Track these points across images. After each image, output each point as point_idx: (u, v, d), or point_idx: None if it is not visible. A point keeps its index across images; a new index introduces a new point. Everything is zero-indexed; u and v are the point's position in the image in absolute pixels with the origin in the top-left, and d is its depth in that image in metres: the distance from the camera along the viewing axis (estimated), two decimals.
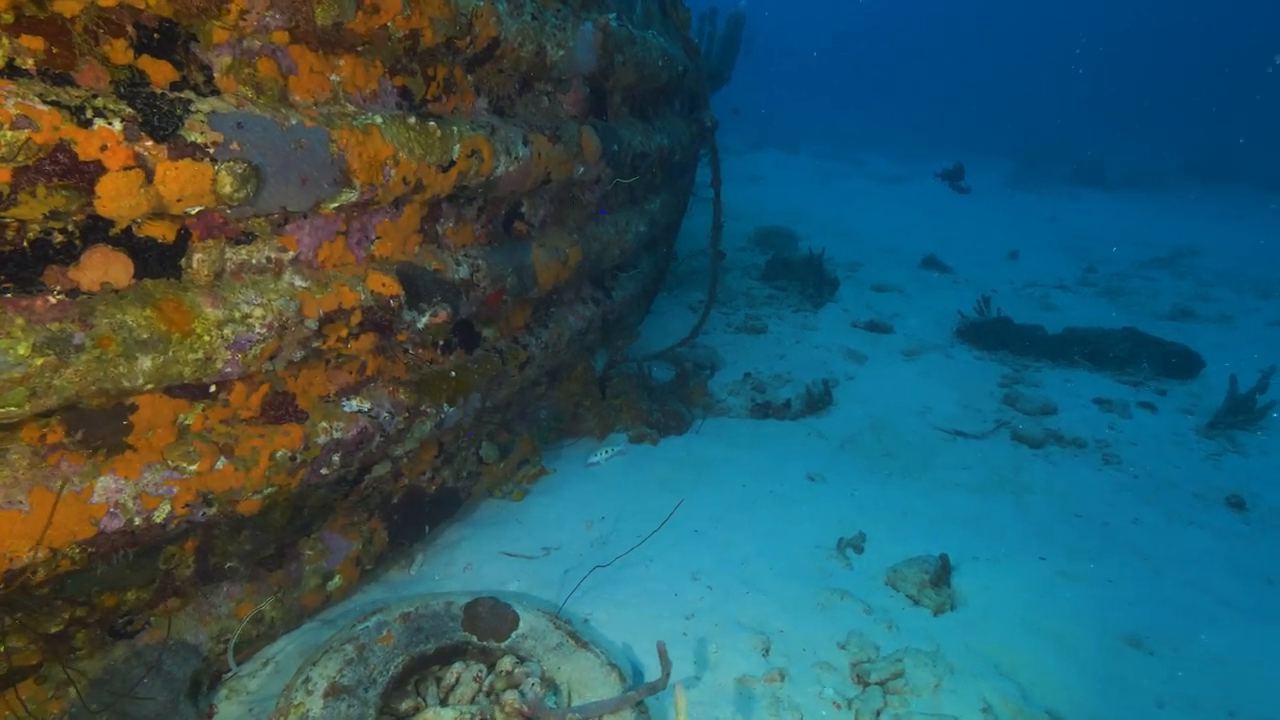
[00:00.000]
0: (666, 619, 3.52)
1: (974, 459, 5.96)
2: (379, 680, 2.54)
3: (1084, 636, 3.76)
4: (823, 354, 8.16)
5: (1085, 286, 13.02)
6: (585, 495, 4.62)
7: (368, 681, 2.53)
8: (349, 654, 2.60)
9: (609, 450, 4.93)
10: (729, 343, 8.24)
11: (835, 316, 9.47)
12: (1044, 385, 7.84)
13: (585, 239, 4.19)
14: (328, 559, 3.19)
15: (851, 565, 4.19)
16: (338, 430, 2.81)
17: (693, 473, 5.05)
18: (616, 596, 3.64)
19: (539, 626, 3.01)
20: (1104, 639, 3.76)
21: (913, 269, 12.71)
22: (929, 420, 6.67)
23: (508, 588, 3.67)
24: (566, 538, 4.18)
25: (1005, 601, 4.00)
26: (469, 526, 4.19)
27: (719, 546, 4.18)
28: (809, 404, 6.51)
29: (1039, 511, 5.19)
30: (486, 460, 4.13)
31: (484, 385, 3.64)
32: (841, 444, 5.92)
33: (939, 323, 9.69)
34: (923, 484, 5.38)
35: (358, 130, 2.45)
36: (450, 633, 2.87)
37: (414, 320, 2.84)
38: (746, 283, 10.64)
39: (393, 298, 2.69)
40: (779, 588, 3.87)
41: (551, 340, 4.20)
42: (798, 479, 5.12)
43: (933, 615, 3.84)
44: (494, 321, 3.76)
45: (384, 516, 3.47)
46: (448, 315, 2.95)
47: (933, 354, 8.55)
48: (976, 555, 4.45)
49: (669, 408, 5.66)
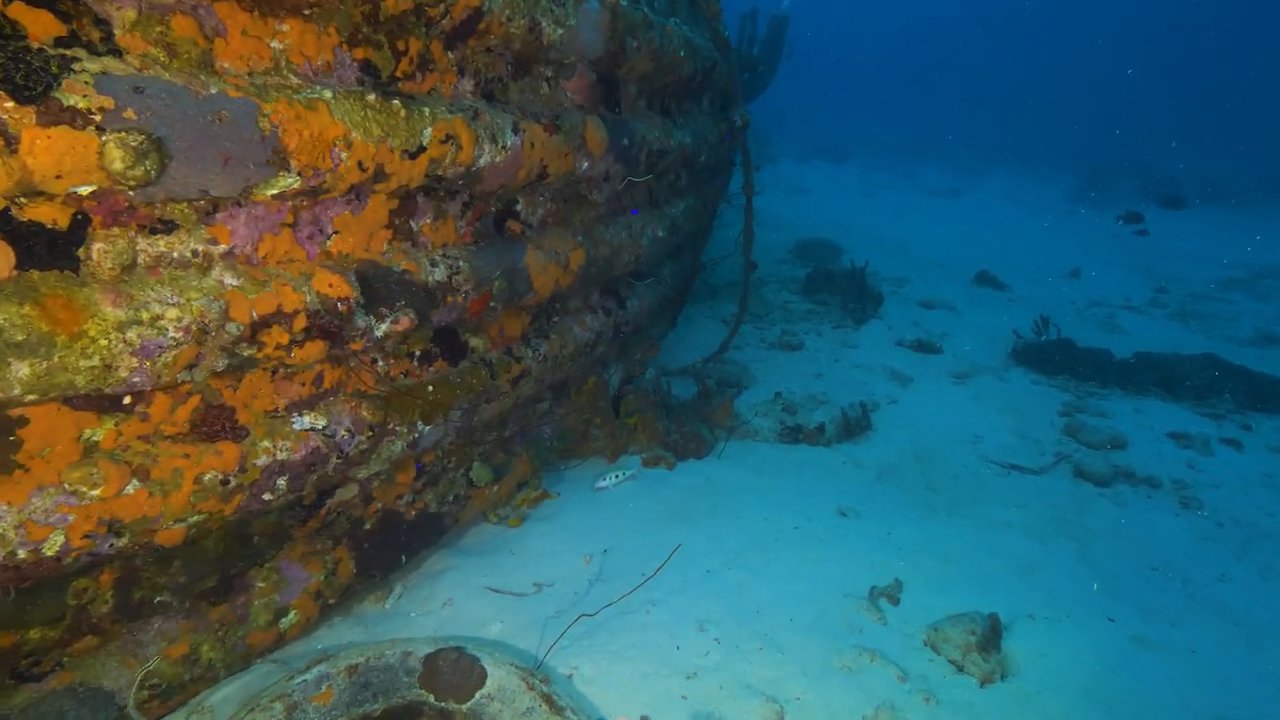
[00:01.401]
0: (664, 677, 3.06)
1: (1030, 496, 5.32)
2: None
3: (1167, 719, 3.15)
4: (863, 374, 7.58)
5: (1156, 308, 12.04)
6: (588, 524, 4.20)
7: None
8: (276, 714, 2.22)
9: (619, 475, 4.50)
10: (761, 359, 7.73)
11: (878, 334, 8.86)
12: (1111, 415, 7.09)
13: (592, 241, 3.79)
14: (282, 592, 2.85)
15: (885, 619, 3.65)
16: (283, 450, 2.46)
17: (710, 502, 4.57)
18: (610, 647, 3.20)
19: (509, 685, 2.59)
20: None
21: (964, 285, 11.96)
22: (979, 451, 6.04)
23: (488, 630, 3.27)
24: (562, 572, 3.76)
25: (1067, 673, 3.40)
26: (457, 555, 3.81)
27: (732, 591, 3.70)
28: (845, 429, 5.96)
29: (1106, 562, 4.54)
30: (478, 482, 3.75)
31: (469, 401, 3.26)
32: (879, 474, 5.36)
33: (992, 343, 8.98)
34: (970, 523, 4.79)
35: (298, 104, 2.10)
36: (403, 690, 2.47)
37: (370, 327, 2.48)
38: (784, 296, 10.11)
39: (341, 300, 2.33)
40: (799, 644, 3.36)
41: (552, 353, 3.80)
42: (828, 513, 4.60)
43: (979, 686, 3.28)
44: (483, 330, 3.39)
45: (352, 545, 3.11)
46: (411, 322, 2.58)
47: (985, 377, 7.87)
48: (1033, 613, 3.85)
49: (688, 428, 5.20)
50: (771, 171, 21.00)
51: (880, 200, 20.98)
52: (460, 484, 3.69)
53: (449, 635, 3.17)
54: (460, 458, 3.66)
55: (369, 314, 2.46)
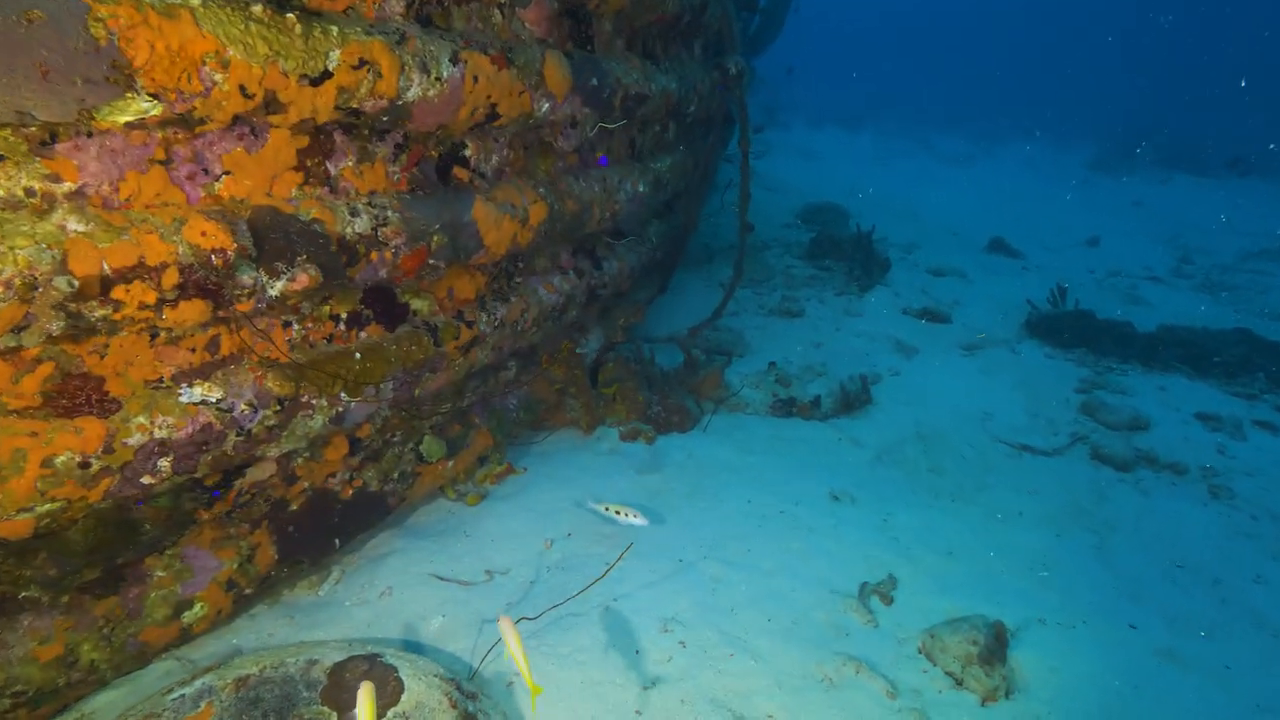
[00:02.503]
0: (617, 688, 2.72)
1: (1044, 481, 4.92)
2: None
3: None
4: (865, 344, 7.14)
5: (1180, 279, 11.44)
6: (554, 504, 3.84)
7: None
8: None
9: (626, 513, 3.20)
10: (758, 326, 7.30)
11: (884, 302, 8.38)
12: (1132, 393, 6.64)
13: (556, 195, 3.34)
14: (186, 582, 2.50)
15: (876, 622, 3.30)
16: (164, 427, 2.08)
17: (690, 482, 4.20)
18: (560, 649, 2.86)
19: (429, 701, 2.25)
20: None
21: (977, 253, 11.39)
22: (989, 429, 5.63)
23: (428, 625, 2.93)
24: (519, 558, 3.41)
25: (1082, 692, 3.05)
26: (405, 536, 3.47)
27: (706, 585, 3.34)
28: (843, 403, 5.55)
29: (1127, 558, 4.15)
30: (429, 458, 3.39)
31: (408, 370, 2.87)
32: (878, 454, 4.96)
33: (1005, 314, 8.48)
34: (976, 511, 4.40)
35: (150, 10, 1.66)
36: (301, 706, 2.14)
37: (261, 284, 2.07)
38: (787, 261, 9.61)
39: (216, 252, 1.92)
40: (775, 650, 3.01)
41: (512, 317, 3.39)
42: (819, 497, 4.22)
43: (979, 704, 2.93)
44: (428, 291, 2.97)
45: (274, 528, 2.76)
46: (311, 279, 2.17)
47: (997, 349, 7.41)
48: (1044, 617, 3.48)
49: (672, 400, 4.81)
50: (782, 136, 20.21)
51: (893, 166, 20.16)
52: (408, 460, 3.33)
53: (379, 631, 2.84)
54: (408, 431, 3.29)
55: (259, 269, 2.05)
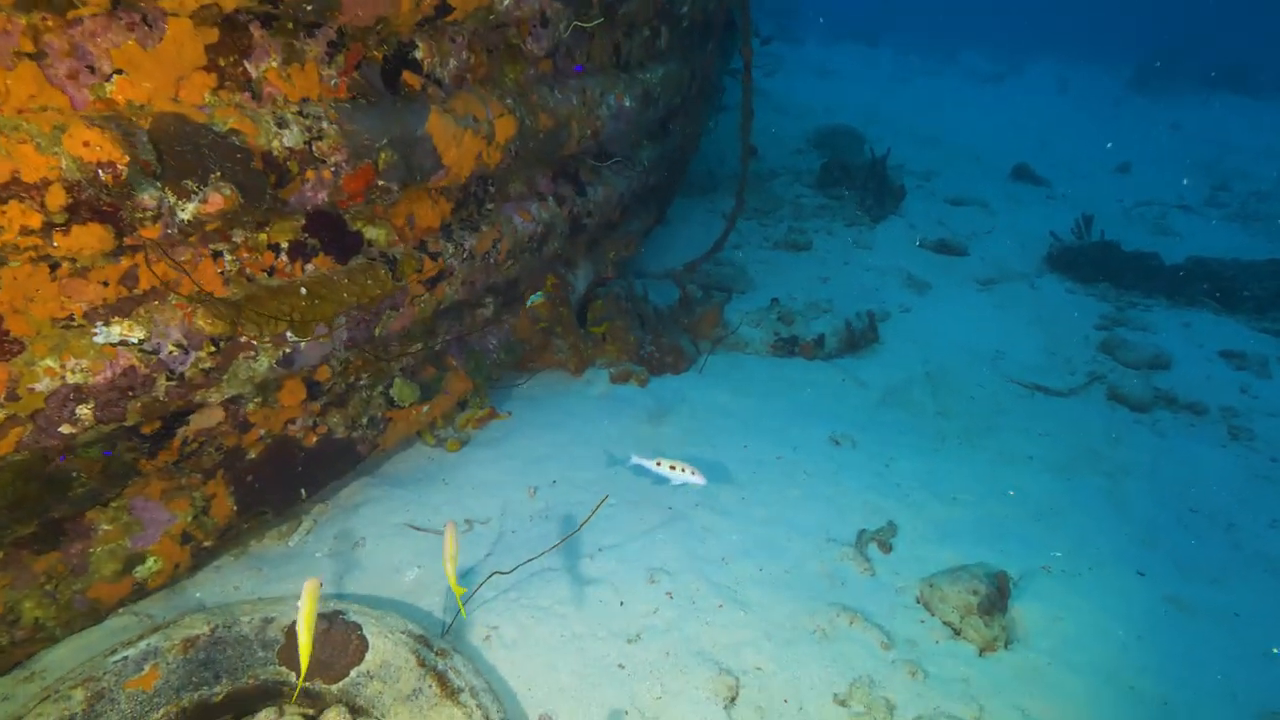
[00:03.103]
0: (600, 641, 2.58)
1: (1056, 423, 4.68)
2: None
3: (1206, 710, 2.64)
4: (875, 278, 6.79)
5: (1213, 208, 10.85)
6: (539, 450, 3.66)
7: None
8: (74, 705, 1.75)
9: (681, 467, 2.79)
10: (762, 260, 6.95)
11: (897, 233, 7.96)
12: (1155, 329, 6.31)
13: (527, 108, 2.99)
14: (135, 536, 2.34)
15: (873, 570, 3.13)
16: (78, 371, 1.86)
17: (683, 426, 4.00)
18: (540, 602, 2.71)
19: (395, 660, 2.11)
20: (1236, 715, 2.63)
21: (1000, 181, 10.81)
22: (1001, 369, 5.36)
23: (403, 577, 2.79)
24: (501, 507, 3.25)
25: (1085, 642, 2.89)
26: (381, 485, 3.31)
27: (696, 534, 3.17)
28: (848, 341, 5.28)
29: (1140, 503, 3.95)
30: (400, 402, 3.18)
31: (365, 307, 2.62)
32: (884, 396, 4.73)
33: (1026, 246, 8.06)
34: (984, 455, 4.19)
35: None
36: (257, 667, 2.00)
37: (168, 206, 1.79)
38: (796, 190, 9.13)
39: (104, 166, 1.64)
40: (767, 601, 2.86)
41: (483, 248, 3.11)
42: (818, 442, 4.01)
43: (977, 655, 2.78)
44: (384, 219, 2.68)
45: (231, 478, 2.58)
46: (228, 200, 1.89)
47: (1014, 284, 7.05)
48: (1049, 565, 3.31)
49: (666, 340, 4.56)
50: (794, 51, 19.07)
51: (914, 86, 19.09)
52: (377, 404, 3.12)
53: (351, 585, 2.70)
54: (375, 374, 3.07)
55: (164, 188, 1.77)
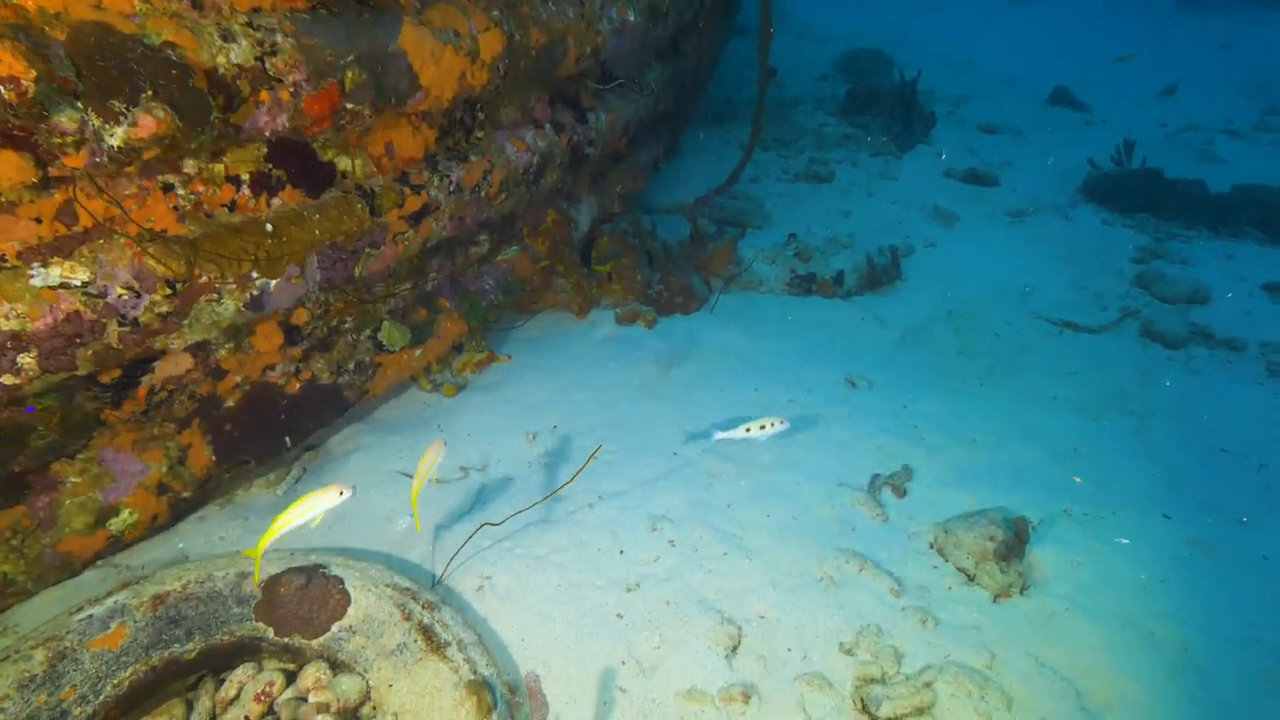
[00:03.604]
0: (598, 589, 2.49)
1: (1084, 362, 4.45)
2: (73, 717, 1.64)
3: (1227, 656, 2.51)
4: (900, 211, 6.45)
5: (1262, 133, 10.12)
6: (539, 394, 3.52)
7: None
8: (33, 667, 1.69)
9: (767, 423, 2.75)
10: (780, 193, 6.61)
11: (925, 163, 7.53)
12: (1195, 262, 5.93)
13: (516, 21, 2.71)
14: (107, 488, 2.26)
15: (886, 516, 3.00)
16: (14, 316, 1.72)
17: (691, 368, 3.83)
18: (537, 550, 2.62)
19: (379, 615, 2.03)
20: (1260, 660, 2.50)
21: (1036, 106, 10.17)
22: (1029, 305, 5.08)
23: (393, 526, 2.71)
24: (498, 454, 3.14)
25: (1104, 587, 2.75)
26: (373, 431, 3.21)
27: (701, 481, 3.05)
28: (869, 278, 5.02)
29: (1168, 444, 3.75)
30: (390, 346, 3.04)
31: (341, 245, 2.44)
32: (904, 335, 4.50)
33: (1061, 175, 7.59)
34: (1007, 396, 3.99)
35: None
36: (231, 623, 1.93)
37: (92, 129, 1.60)
38: (819, 118, 8.64)
39: (6, 83, 1.44)
40: (773, 548, 2.74)
41: (471, 180, 2.89)
42: (833, 384, 3.83)
43: (991, 601, 2.66)
44: (359, 147, 2.47)
45: (209, 427, 2.48)
46: (162, 124, 1.69)
47: (1047, 216, 6.65)
48: (1070, 508, 3.15)
49: (675, 278, 4.34)
50: None
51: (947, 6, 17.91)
52: (365, 348, 2.98)
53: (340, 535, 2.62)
54: (361, 316, 2.92)
55: (86, 109, 1.58)
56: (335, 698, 1.85)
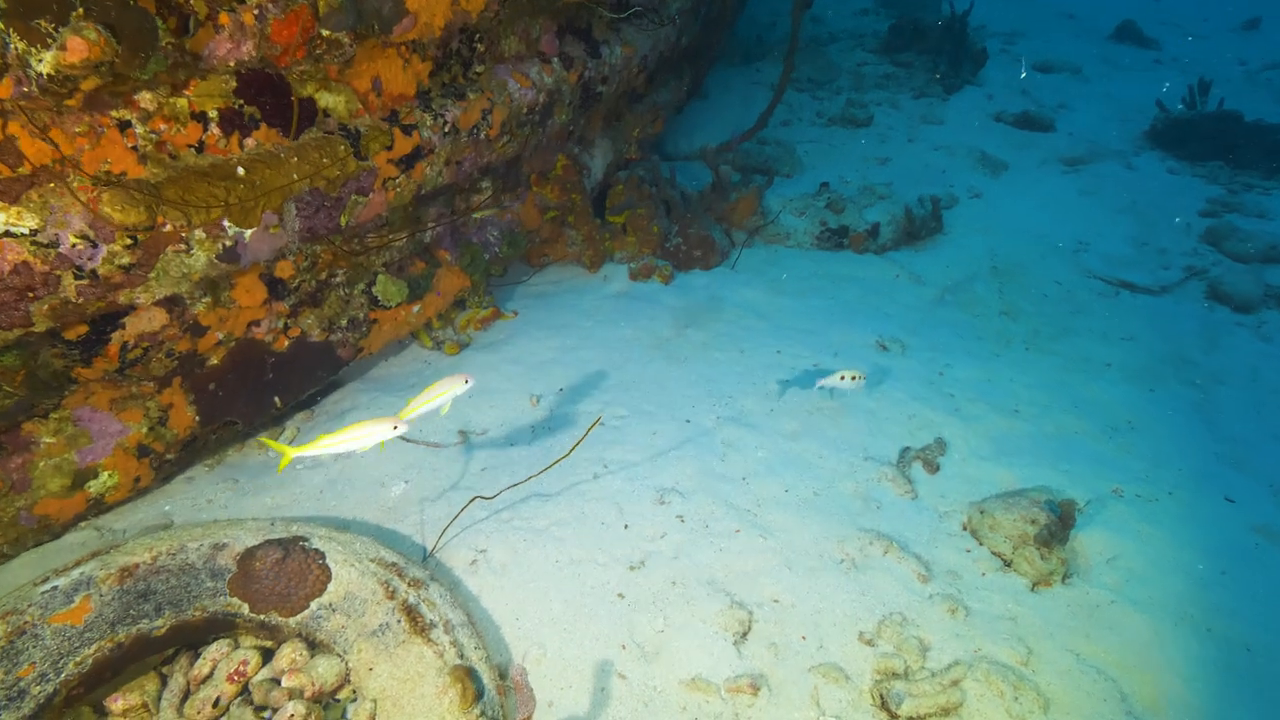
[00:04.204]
0: (599, 567, 2.33)
1: (1142, 325, 4.09)
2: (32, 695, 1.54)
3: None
4: (943, 158, 5.99)
5: None
6: (545, 353, 3.33)
7: (7, 699, 1.53)
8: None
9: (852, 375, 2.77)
10: (814, 139, 6.19)
11: (972, 105, 6.99)
12: (1274, 216, 5.42)
13: None
14: (84, 449, 2.15)
15: (915, 493, 2.77)
16: None
17: (708, 329, 3.59)
18: (536, 523, 2.47)
19: (361, 592, 1.90)
20: None
21: (1098, 42, 9.37)
22: (1081, 263, 4.69)
23: (388, 492, 2.57)
24: (500, 416, 2.97)
25: (1157, 575, 2.51)
26: (370, 390, 3.06)
27: (715, 450, 2.85)
28: (906, 231, 4.67)
29: (1234, 417, 3.43)
30: (386, 301, 2.85)
31: (321, 191, 2.23)
32: (942, 293, 4.18)
33: (1124, 119, 6.99)
34: (1054, 362, 3.68)
35: None
36: (203, 599, 1.81)
37: (16, 54, 1.40)
38: (858, 56, 8.07)
39: None
40: (791, 525, 2.55)
41: (469, 121, 2.64)
42: (863, 347, 3.56)
43: (1028, 589, 2.45)
44: (341, 81, 2.23)
45: (191, 386, 2.34)
46: (95, 47, 1.46)
47: (1107, 163, 6.13)
48: (1121, 488, 2.89)
49: (694, 230, 4.05)
50: None
51: None
52: (359, 304, 2.80)
53: (331, 499, 2.50)
54: (354, 269, 2.73)
55: (9, 30, 1.37)
56: (310, 681, 1.74)
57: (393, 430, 1.85)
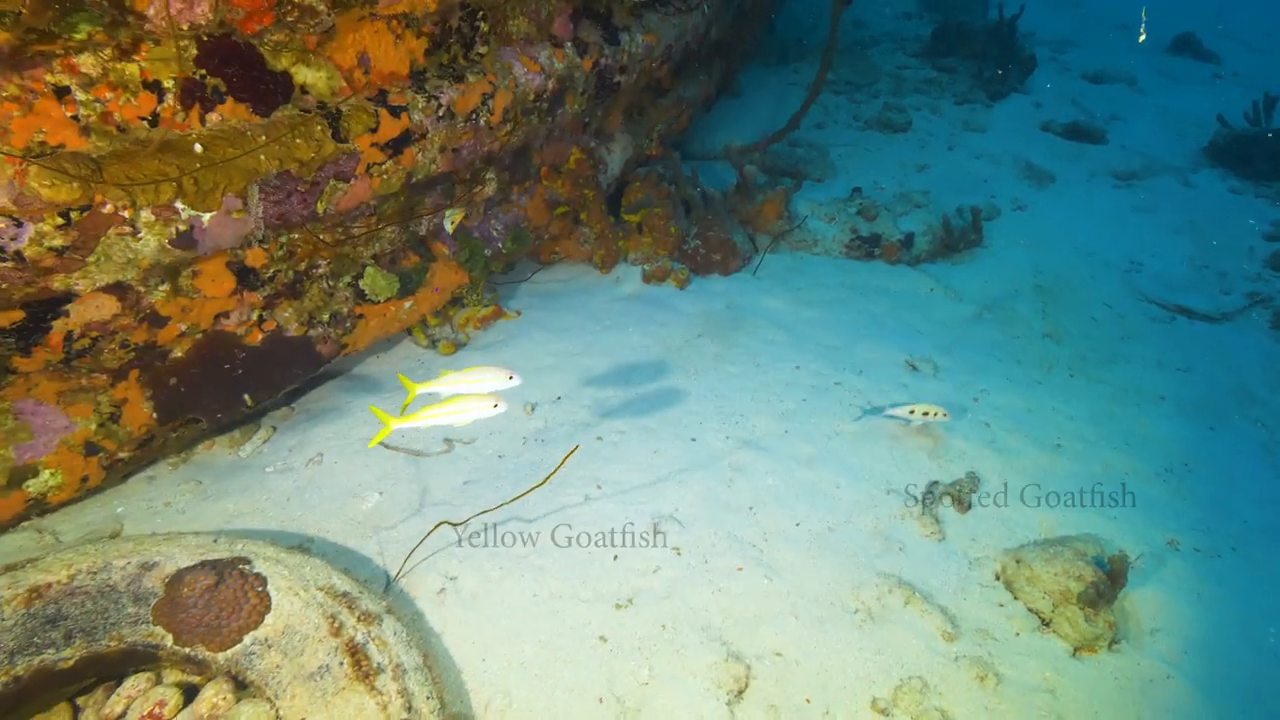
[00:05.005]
0: (582, 604, 2.09)
1: (1200, 355, 3.73)
2: None
3: None
4: (986, 167, 5.65)
5: None
6: (545, 358, 3.09)
7: None
8: None
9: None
10: (849, 142, 5.88)
11: (1018, 113, 6.61)
12: None
13: None
14: (22, 445, 1.97)
15: (943, 534, 2.48)
16: None
17: (724, 339, 3.32)
18: (515, 549, 2.23)
19: (303, 626, 1.68)
20: None
21: (1154, 54, 8.90)
22: (1135, 284, 4.33)
23: (361, 503, 2.36)
24: (489, 424, 2.74)
25: (1220, 646, 2.19)
26: (354, 390, 2.85)
27: (722, 474, 2.59)
28: (944, 243, 4.36)
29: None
30: (374, 296, 2.65)
31: (293, 176, 2.02)
32: (980, 311, 3.86)
33: (1180, 134, 6.56)
34: (1102, 391, 3.35)
35: None
36: (122, 626, 1.60)
37: None
38: (898, 59, 7.72)
39: None
40: (800, 565, 2.28)
41: (467, 105, 2.41)
42: (891, 366, 3.26)
43: (1069, 655, 2.15)
44: (322, 58, 2.02)
45: (150, 380, 2.16)
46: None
47: (1162, 179, 5.73)
48: (1177, 540, 2.57)
49: (715, 233, 3.79)
50: None
51: None
52: (344, 297, 2.60)
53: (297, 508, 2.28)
54: (339, 261, 2.53)
55: None
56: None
57: (493, 408, 1.83)
